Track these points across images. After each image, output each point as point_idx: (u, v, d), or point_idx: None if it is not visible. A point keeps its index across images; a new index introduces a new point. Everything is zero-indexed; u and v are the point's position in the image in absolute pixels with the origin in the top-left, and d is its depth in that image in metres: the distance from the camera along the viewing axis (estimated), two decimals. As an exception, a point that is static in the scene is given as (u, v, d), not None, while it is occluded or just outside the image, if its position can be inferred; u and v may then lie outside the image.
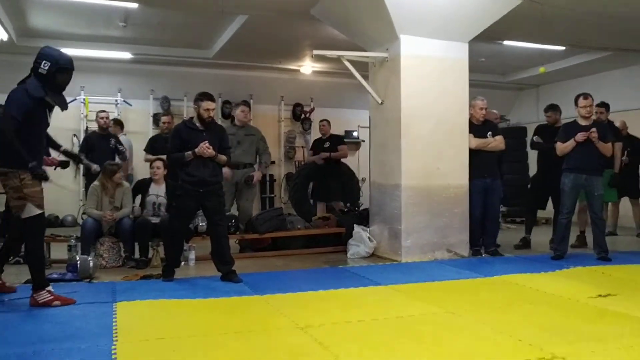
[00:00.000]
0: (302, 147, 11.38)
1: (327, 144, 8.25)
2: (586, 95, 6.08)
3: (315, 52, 6.58)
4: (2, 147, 4.02)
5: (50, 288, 4.18)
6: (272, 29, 8.02)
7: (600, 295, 4.39)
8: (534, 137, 7.18)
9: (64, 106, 4.27)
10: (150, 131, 10.14)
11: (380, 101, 6.63)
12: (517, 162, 9.73)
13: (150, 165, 6.38)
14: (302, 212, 7.99)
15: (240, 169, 6.72)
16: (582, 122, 6.07)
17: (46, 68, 4.06)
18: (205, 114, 5.06)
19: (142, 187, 6.33)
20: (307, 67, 10.15)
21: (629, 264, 5.81)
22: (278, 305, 4.15)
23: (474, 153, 6.47)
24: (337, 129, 11.51)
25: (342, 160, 8.53)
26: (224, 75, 10.16)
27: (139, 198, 6.25)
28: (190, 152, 4.99)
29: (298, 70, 10.31)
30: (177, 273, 5.23)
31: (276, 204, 10.66)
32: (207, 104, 5.07)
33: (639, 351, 3.08)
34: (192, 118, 5.28)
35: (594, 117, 6.44)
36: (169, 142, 5.39)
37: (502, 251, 6.68)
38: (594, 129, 5.91)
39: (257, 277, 5.29)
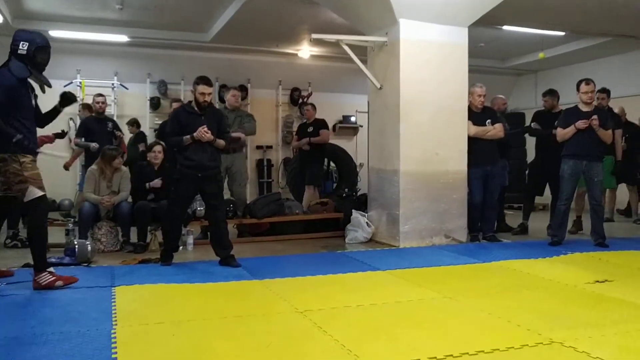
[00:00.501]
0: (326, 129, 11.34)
1: (310, 129, 8.18)
2: (588, 81, 6.04)
3: (314, 35, 6.52)
4: (1, 132, 4.00)
5: (51, 269, 4.18)
6: (270, 13, 7.94)
7: (597, 281, 4.41)
8: (532, 124, 7.18)
9: (48, 84, 4.28)
10: (147, 115, 10.10)
11: (379, 86, 6.60)
12: (515, 147, 9.72)
13: (151, 149, 6.34)
14: (300, 197, 8.00)
15: (230, 153, 6.65)
16: (584, 108, 6.05)
17: (25, 48, 4.09)
18: (201, 98, 5.03)
19: (142, 173, 6.28)
20: (305, 51, 10.08)
21: (626, 250, 5.84)
22: (277, 290, 4.16)
23: (473, 140, 6.46)
24: (335, 114, 11.56)
25: (341, 145, 8.53)
26: (221, 59, 10.10)
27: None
28: (188, 136, 4.97)
29: (296, 55, 10.25)
30: (176, 257, 5.24)
31: (274, 189, 10.66)
32: (203, 88, 5.03)
33: (636, 337, 3.10)
34: (191, 102, 5.25)
35: (595, 103, 6.42)
36: (168, 126, 5.37)
37: (500, 237, 6.71)
38: (595, 117, 5.89)
39: (255, 261, 5.30)
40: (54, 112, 4.52)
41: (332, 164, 10.81)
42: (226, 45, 9.51)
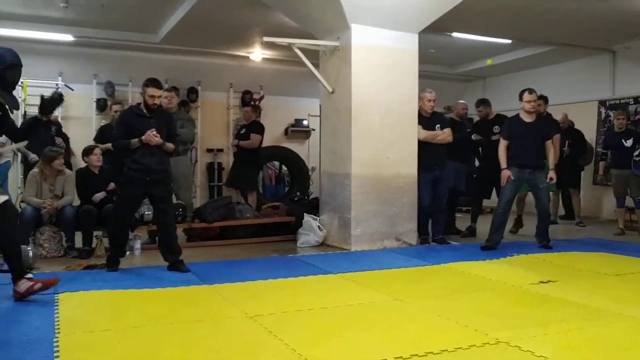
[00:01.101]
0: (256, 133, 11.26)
1: (243, 131, 8.04)
2: (531, 90, 6.17)
3: (266, 39, 6.49)
4: None
5: (28, 275, 3.98)
6: (221, 15, 7.86)
7: (541, 282, 4.53)
8: (473, 136, 7.39)
9: (15, 106, 4.01)
10: (94, 117, 9.82)
11: (331, 90, 6.62)
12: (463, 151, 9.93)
13: (91, 152, 6.14)
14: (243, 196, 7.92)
15: (173, 156, 6.48)
16: (526, 118, 6.16)
17: None
18: (150, 101, 4.92)
19: (83, 179, 6.08)
20: (257, 54, 10.02)
21: (568, 252, 6.03)
22: (227, 295, 4.10)
23: (423, 145, 6.56)
24: (287, 117, 11.54)
25: (293, 149, 8.49)
26: (170, 60, 9.91)
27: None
28: (136, 140, 4.85)
29: (248, 57, 10.17)
30: (123, 263, 5.11)
31: (224, 193, 10.53)
32: (152, 91, 4.92)
33: (577, 335, 3.19)
34: (139, 104, 5.12)
35: (541, 110, 6.63)
36: (115, 128, 5.23)
37: (450, 239, 6.83)
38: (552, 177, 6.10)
39: (205, 266, 5.22)
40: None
41: (284, 167, 10.79)
42: (176, 46, 9.33)
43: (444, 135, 6.63)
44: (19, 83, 8.70)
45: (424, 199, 6.59)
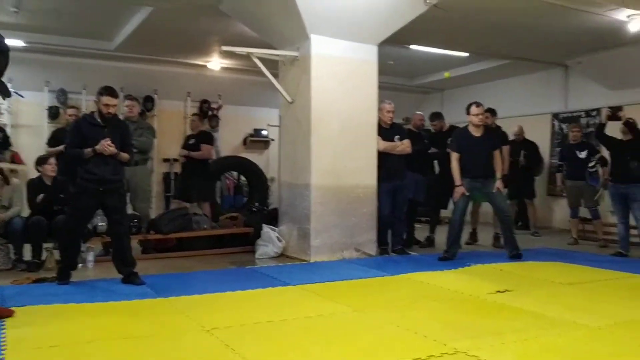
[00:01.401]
0: (209, 144, 11.12)
1: (192, 141, 7.84)
2: (478, 104, 6.29)
3: (224, 48, 6.43)
4: None
5: None
6: (179, 23, 7.75)
7: (498, 291, 4.58)
8: (432, 149, 7.49)
9: (6, 93, 3.83)
10: (45, 125, 9.51)
11: (290, 100, 6.59)
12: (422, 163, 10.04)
13: (45, 161, 5.93)
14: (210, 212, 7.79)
15: (131, 166, 6.33)
16: (474, 132, 6.25)
17: None
18: (105, 109, 4.81)
19: (34, 188, 5.86)
20: (216, 63, 9.92)
21: (524, 261, 6.13)
22: (183, 308, 4.00)
23: (382, 156, 6.59)
24: (246, 127, 11.45)
25: (252, 159, 8.41)
26: (126, 68, 9.71)
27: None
28: (90, 149, 4.72)
29: (206, 66, 10.06)
30: (75, 275, 4.94)
31: (171, 205, 10.30)
32: (107, 99, 4.81)
33: (533, 344, 3.23)
34: (93, 113, 4.98)
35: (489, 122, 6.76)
36: (67, 137, 5.07)
37: (409, 250, 6.87)
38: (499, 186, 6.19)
39: (160, 278, 5.09)
40: None
41: (242, 177, 10.68)
42: (132, 54, 9.16)
43: (403, 146, 6.68)
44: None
45: (383, 209, 6.61)
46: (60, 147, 6.31)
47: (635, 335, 3.43)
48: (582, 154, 7.73)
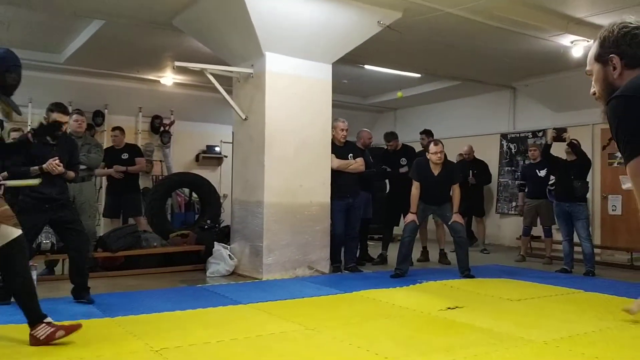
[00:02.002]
0: (161, 160, 10.95)
1: (125, 156, 7.77)
2: (436, 142, 6.42)
3: (177, 63, 6.36)
4: None
5: (48, 319, 3.50)
6: (131, 37, 7.64)
7: (449, 308, 4.64)
8: (382, 167, 7.58)
9: (18, 111, 3.71)
10: (-12, 139, 9.17)
11: (244, 117, 6.55)
12: (377, 180, 10.16)
13: None
14: (159, 229, 7.63)
15: (77, 182, 6.15)
16: (434, 168, 6.32)
17: None
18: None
19: None
20: (168, 78, 9.81)
21: (475, 278, 6.23)
22: (131, 328, 3.88)
23: (336, 173, 6.62)
24: (198, 144, 11.33)
25: (204, 175, 8.32)
26: (75, 82, 9.47)
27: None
28: (36, 167, 4.56)
29: (158, 81, 9.92)
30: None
31: (103, 226, 10.04)
32: (58, 116, 4.68)
33: (483, 359, 3.27)
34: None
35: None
36: (14, 152, 4.87)
37: (362, 267, 6.89)
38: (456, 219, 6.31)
39: (108, 297, 4.93)
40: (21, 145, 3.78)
41: (194, 194, 10.51)
42: (81, 68, 8.95)
43: (356, 164, 6.74)
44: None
45: (337, 227, 6.62)
46: None
47: (579, 349, 3.51)
48: (542, 173, 7.95)
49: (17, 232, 3.50)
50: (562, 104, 9.16)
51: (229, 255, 6.46)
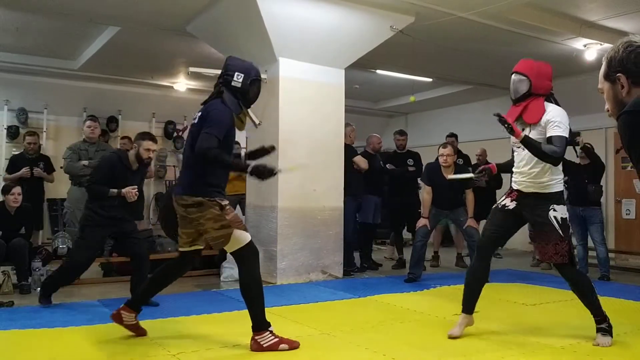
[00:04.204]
0: (174, 166, 11.01)
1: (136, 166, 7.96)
2: (445, 145, 6.42)
3: (191, 69, 6.42)
4: (194, 175, 3.52)
5: (272, 328, 3.56)
6: (145, 43, 7.72)
7: (463, 313, 4.62)
8: (387, 165, 7.57)
9: (255, 123, 3.83)
10: (4, 145, 9.28)
11: (257, 122, 6.56)
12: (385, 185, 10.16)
13: (9, 191, 5.67)
14: (173, 234, 7.66)
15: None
16: (444, 172, 6.28)
17: (240, 80, 3.61)
18: (145, 154, 4.89)
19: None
20: (182, 84, 9.88)
21: (488, 283, 6.18)
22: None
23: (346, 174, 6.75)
24: (211, 149, 11.36)
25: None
26: (90, 88, 9.58)
27: None
28: (115, 191, 4.79)
29: (172, 87, 10.00)
30: (31, 300, 4.80)
31: (145, 225, 10.16)
32: (149, 144, 4.89)
33: (499, 364, 3.27)
34: (127, 152, 5.02)
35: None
36: (95, 171, 5.08)
37: (364, 273, 7.00)
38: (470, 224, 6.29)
39: (122, 302, 4.90)
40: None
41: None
42: (96, 74, 9.05)
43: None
44: None
45: (348, 225, 6.74)
46: (20, 173, 6.25)
47: (597, 354, 3.50)
48: None
49: (249, 236, 3.59)
50: (575, 108, 9.01)
51: (243, 259, 6.48)
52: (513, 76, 3.97)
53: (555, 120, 3.68)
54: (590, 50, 7.15)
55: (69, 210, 6.39)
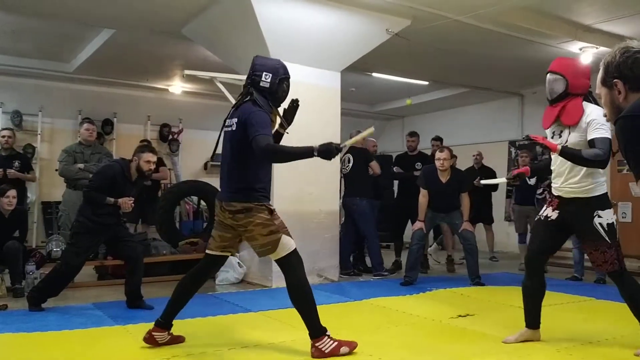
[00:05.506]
0: (169, 169, 10.97)
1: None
2: (442, 149, 6.44)
3: (187, 72, 6.39)
4: (240, 180, 3.49)
5: (329, 332, 3.50)
6: (140, 46, 7.70)
7: (460, 316, 4.62)
8: (394, 168, 7.58)
9: (285, 123, 3.78)
10: (-1, 147, 9.23)
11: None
12: (384, 188, 10.15)
13: (4, 194, 5.58)
14: (168, 237, 7.64)
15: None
16: (441, 176, 6.34)
17: (268, 80, 3.54)
18: (145, 167, 4.89)
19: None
20: (177, 86, 9.86)
21: (485, 286, 6.20)
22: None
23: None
24: (206, 152, 11.29)
25: (213, 184, 8.29)
26: (85, 91, 9.54)
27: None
28: (112, 200, 4.80)
29: (167, 90, 9.98)
30: (23, 303, 4.77)
31: (140, 228, 10.12)
32: (149, 156, 4.90)
33: (496, 368, 3.25)
34: (129, 162, 4.96)
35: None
36: (96, 177, 5.07)
37: (358, 277, 6.98)
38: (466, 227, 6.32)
39: (117, 305, 4.95)
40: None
41: (202, 202, 10.53)
42: (91, 76, 9.01)
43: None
44: None
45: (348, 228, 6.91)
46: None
47: (592, 357, 3.49)
48: (532, 180, 7.88)
49: (294, 243, 3.54)
50: (571, 111, 9.12)
51: (238, 263, 6.46)
52: (548, 76, 3.77)
53: (596, 119, 3.48)
54: (586, 53, 7.16)
55: (64, 213, 6.34)
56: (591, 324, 4.43)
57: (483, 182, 4.93)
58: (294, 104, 3.84)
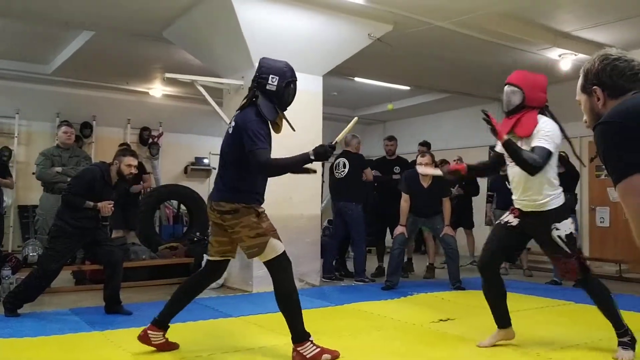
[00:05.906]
0: (149, 173, 10.87)
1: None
2: (423, 154, 6.51)
3: (167, 75, 6.32)
4: (231, 180, 3.42)
5: (312, 338, 3.43)
6: (120, 48, 7.61)
7: (440, 320, 4.63)
8: (373, 172, 7.58)
9: (292, 127, 3.69)
10: (-26, 150, 9.06)
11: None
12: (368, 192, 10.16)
13: None
14: (148, 241, 7.56)
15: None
16: (422, 180, 6.39)
17: (275, 83, 3.47)
18: (126, 170, 4.85)
19: None
20: (158, 90, 9.78)
21: (465, 290, 6.22)
22: (119, 341, 3.82)
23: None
24: (187, 155, 11.28)
25: (193, 187, 8.26)
26: (63, 93, 9.41)
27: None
28: (91, 204, 4.74)
29: (147, 93, 9.89)
30: None
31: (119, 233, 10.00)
32: (131, 160, 4.87)
33: (477, 372, 3.25)
34: (110, 166, 4.90)
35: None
36: (75, 180, 4.97)
37: (339, 281, 6.96)
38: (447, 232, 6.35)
39: (95, 311, 4.87)
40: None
41: (182, 206, 10.45)
42: (70, 79, 8.88)
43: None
44: None
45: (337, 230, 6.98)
46: None
47: (573, 361, 3.51)
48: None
49: (282, 245, 3.48)
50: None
51: (219, 267, 6.39)
52: (506, 87, 3.81)
53: (543, 130, 3.56)
54: (565, 60, 7.26)
55: (41, 217, 6.23)
56: (571, 328, 4.47)
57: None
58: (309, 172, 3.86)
